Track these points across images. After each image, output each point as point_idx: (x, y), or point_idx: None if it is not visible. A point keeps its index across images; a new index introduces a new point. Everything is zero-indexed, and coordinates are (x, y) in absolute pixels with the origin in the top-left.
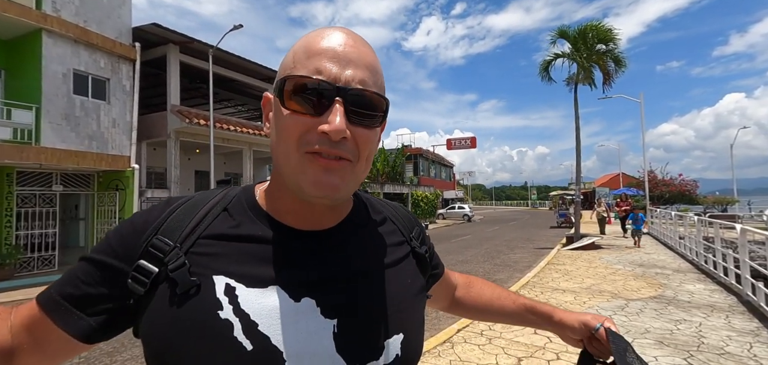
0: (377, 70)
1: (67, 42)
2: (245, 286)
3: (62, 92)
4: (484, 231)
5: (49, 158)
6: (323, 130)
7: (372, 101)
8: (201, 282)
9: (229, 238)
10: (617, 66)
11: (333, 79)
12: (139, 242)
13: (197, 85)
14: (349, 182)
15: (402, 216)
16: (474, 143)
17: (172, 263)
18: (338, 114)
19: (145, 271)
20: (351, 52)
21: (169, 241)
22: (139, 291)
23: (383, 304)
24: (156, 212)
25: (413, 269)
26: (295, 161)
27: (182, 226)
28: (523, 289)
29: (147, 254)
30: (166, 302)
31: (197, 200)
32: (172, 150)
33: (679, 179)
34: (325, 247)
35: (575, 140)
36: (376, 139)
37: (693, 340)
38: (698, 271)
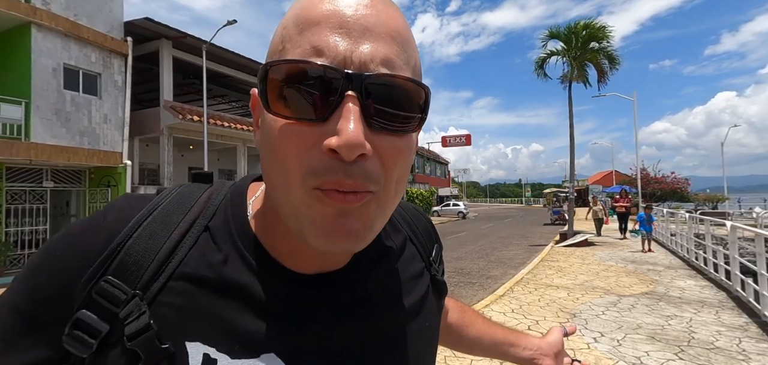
0: (410, 43)
1: (58, 36)
2: (229, 357)
3: (52, 87)
4: (479, 228)
5: (39, 154)
6: (331, 146)
7: (405, 91)
8: (174, 351)
9: (210, 283)
10: (611, 64)
11: (341, 61)
12: (78, 284)
13: (191, 80)
14: (375, 222)
15: (422, 232)
16: (469, 140)
17: (130, 323)
18: (352, 117)
19: (89, 328)
20: (368, 17)
21: (124, 285)
22: (80, 353)
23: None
24: (104, 230)
25: (433, 308)
26: (297, 199)
27: (147, 258)
28: (517, 286)
29: (91, 304)
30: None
31: (169, 210)
32: (165, 146)
33: (671, 177)
34: (334, 296)
35: (569, 138)
36: (411, 151)
37: (684, 335)
38: (689, 267)
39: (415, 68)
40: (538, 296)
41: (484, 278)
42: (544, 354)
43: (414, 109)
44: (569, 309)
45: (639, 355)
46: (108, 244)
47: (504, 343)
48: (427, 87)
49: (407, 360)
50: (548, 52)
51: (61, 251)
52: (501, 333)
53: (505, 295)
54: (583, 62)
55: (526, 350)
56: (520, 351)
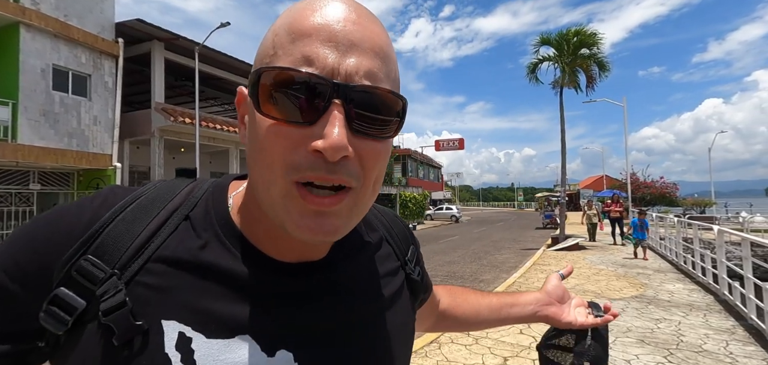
0: (390, 58)
1: (47, 36)
2: (205, 336)
3: (41, 88)
4: (472, 232)
5: (26, 156)
6: (316, 147)
7: (384, 101)
8: (148, 328)
9: (188, 266)
10: (601, 70)
11: (329, 71)
12: (59, 262)
13: (183, 82)
14: (352, 219)
15: (397, 234)
16: (462, 144)
17: (106, 300)
18: (337, 123)
19: (66, 305)
20: (354, 32)
21: (103, 265)
22: (56, 330)
23: (372, 356)
24: (88, 213)
25: (407, 305)
26: (278, 192)
27: (126, 241)
28: (509, 290)
29: (70, 281)
30: (95, 353)
31: (152, 199)
32: (156, 149)
33: (660, 182)
34: (312, 285)
35: (560, 143)
36: (387, 154)
37: (672, 338)
38: (678, 271)
39: (395, 81)
40: None
41: (476, 282)
42: (546, 303)
43: (392, 116)
44: None
45: (629, 359)
46: (90, 226)
47: (503, 306)
48: (404, 98)
49: (379, 350)
50: (540, 57)
51: (46, 227)
52: (496, 299)
53: None
54: (575, 68)
55: (527, 306)
56: (521, 309)
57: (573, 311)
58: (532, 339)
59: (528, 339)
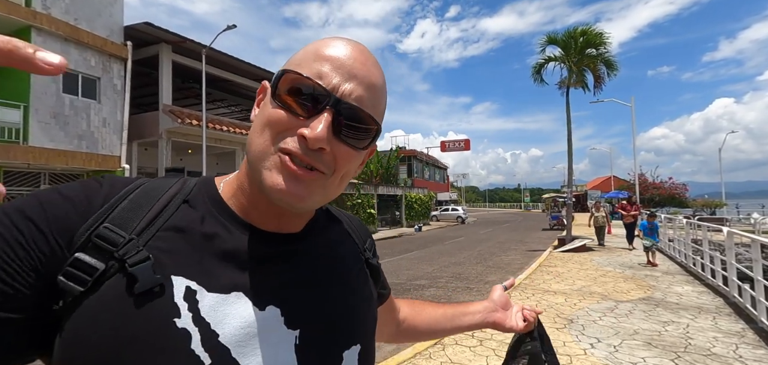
0: (380, 95)
1: (57, 40)
2: (206, 290)
3: (51, 91)
4: (478, 233)
5: (37, 158)
6: (302, 133)
7: (363, 120)
8: (163, 281)
9: (191, 233)
10: (609, 69)
11: (332, 87)
12: (80, 229)
13: (190, 84)
14: (317, 195)
15: (356, 226)
16: (468, 145)
17: (131, 256)
18: (323, 123)
19: (87, 267)
20: (358, 68)
21: (122, 231)
22: (75, 290)
23: (344, 314)
24: (101, 192)
25: (368, 282)
26: (266, 155)
27: (139, 215)
28: (515, 291)
29: (91, 247)
30: (111, 304)
31: (153, 187)
32: (163, 150)
33: (669, 183)
34: (292, 252)
35: (567, 143)
36: (357, 161)
37: (681, 341)
38: (687, 273)
39: (379, 112)
40: (535, 301)
41: (482, 283)
42: (492, 310)
43: (368, 134)
44: (566, 314)
45: (635, 361)
46: (108, 199)
47: (456, 315)
48: (380, 125)
49: (349, 306)
50: (546, 57)
51: (59, 199)
52: (451, 309)
53: None
54: (581, 68)
55: (476, 314)
56: (472, 316)
57: (515, 316)
58: None
59: None
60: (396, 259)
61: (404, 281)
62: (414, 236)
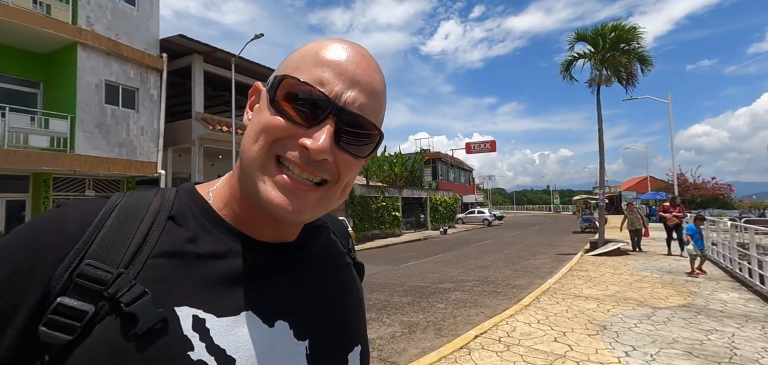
0: (381, 102)
1: (100, 54)
2: (216, 316)
3: (95, 102)
4: (505, 236)
5: (82, 165)
6: (304, 144)
7: (366, 128)
8: (166, 315)
9: (185, 256)
10: (643, 65)
11: (334, 95)
12: (57, 272)
13: (220, 92)
14: (317, 207)
15: (339, 227)
16: (494, 146)
17: (124, 294)
18: (325, 133)
19: (73, 311)
20: (361, 74)
21: (107, 267)
22: (61, 340)
23: (344, 318)
24: (76, 220)
25: (356, 280)
26: (261, 165)
27: (123, 243)
28: (544, 295)
29: (72, 288)
30: (108, 350)
31: (130, 205)
32: (196, 156)
33: (711, 183)
34: (290, 262)
35: (598, 143)
36: (358, 169)
37: (725, 351)
38: (732, 279)
39: (380, 119)
40: (565, 306)
41: (509, 287)
42: None
43: (369, 143)
44: (599, 320)
45: None
46: (83, 231)
47: None
48: (382, 132)
49: (347, 311)
50: (575, 55)
51: (23, 245)
52: None
53: (531, 305)
54: (614, 65)
55: None
56: None
57: None
58: (567, 347)
59: (563, 347)
60: (421, 262)
61: (429, 284)
62: (439, 239)
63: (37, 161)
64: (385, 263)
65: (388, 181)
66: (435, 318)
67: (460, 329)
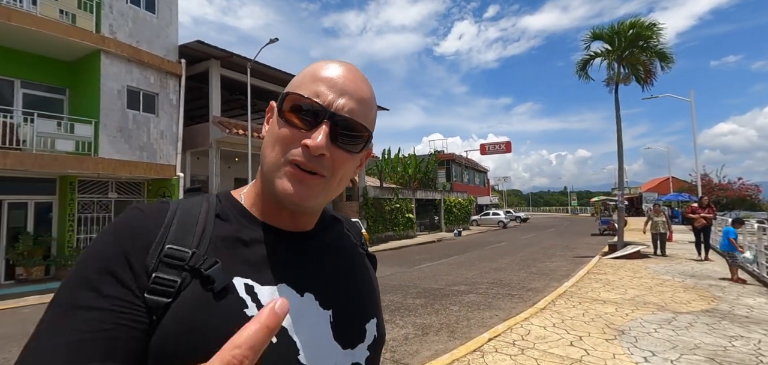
0: (370, 106)
1: (122, 61)
2: (260, 284)
3: (117, 107)
4: (520, 238)
5: (105, 168)
6: (305, 143)
7: (356, 128)
8: (229, 281)
9: (234, 241)
10: (664, 62)
11: (327, 104)
12: (148, 255)
13: (237, 96)
14: (319, 195)
15: (352, 226)
16: (509, 147)
17: (202, 263)
18: (321, 133)
19: (168, 282)
20: (348, 85)
21: (183, 249)
22: (161, 302)
23: (361, 294)
24: (151, 221)
25: (368, 264)
26: (276, 165)
27: (189, 232)
28: (560, 299)
29: (163, 265)
30: (193, 304)
31: (188, 207)
32: (213, 159)
33: (738, 183)
34: (312, 246)
35: (617, 143)
36: (353, 164)
37: (750, 358)
38: (759, 283)
39: (369, 121)
40: (582, 310)
41: (525, 290)
42: None
43: (360, 141)
44: (617, 325)
45: None
46: (159, 226)
47: None
48: (370, 131)
49: (363, 289)
50: (591, 53)
51: (130, 230)
52: None
53: (547, 308)
54: (632, 63)
55: None
56: None
57: None
58: (583, 351)
59: (579, 352)
60: (435, 264)
61: (443, 286)
62: (453, 241)
63: (64, 165)
64: (398, 265)
65: (401, 182)
66: (448, 320)
67: (473, 331)
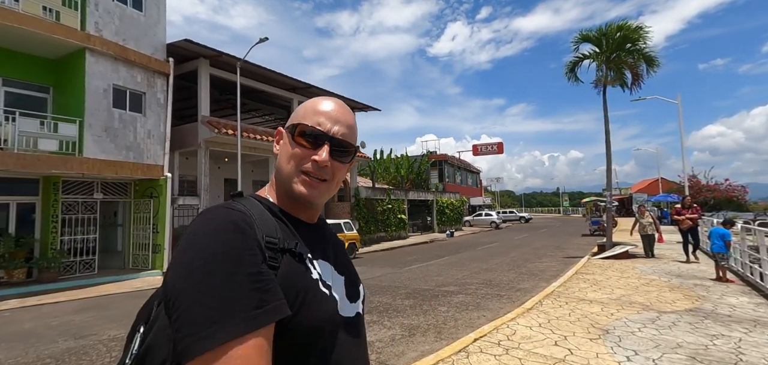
0: (354, 129)
1: (108, 59)
2: (312, 257)
3: (103, 106)
4: (512, 239)
5: (90, 168)
6: (315, 159)
7: (347, 146)
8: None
9: (287, 229)
10: (649, 65)
11: (326, 130)
12: (260, 244)
13: (227, 96)
14: (323, 194)
15: (333, 228)
16: (501, 148)
17: (290, 245)
18: (325, 151)
19: (273, 259)
20: (340, 116)
21: (274, 238)
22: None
23: (352, 266)
24: (247, 223)
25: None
26: (292, 175)
27: (270, 226)
28: (548, 299)
29: (268, 249)
30: (291, 271)
31: (252, 208)
32: (202, 159)
33: (725, 184)
34: (320, 233)
35: (605, 144)
36: (346, 170)
37: (730, 357)
38: (743, 283)
39: (354, 139)
40: (568, 310)
41: (513, 290)
42: None
43: (349, 154)
44: (602, 324)
45: None
46: (253, 227)
47: None
48: (357, 147)
49: (350, 261)
50: (580, 55)
51: (248, 237)
52: None
53: (534, 309)
54: (619, 65)
55: None
56: None
57: None
58: (567, 351)
59: (563, 351)
60: (425, 265)
61: (432, 287)
62: (445, 241)
63: (47, 165)
64: (389, 266)
65: (394, 183)
66: (436, 321)
67: (460, 332)
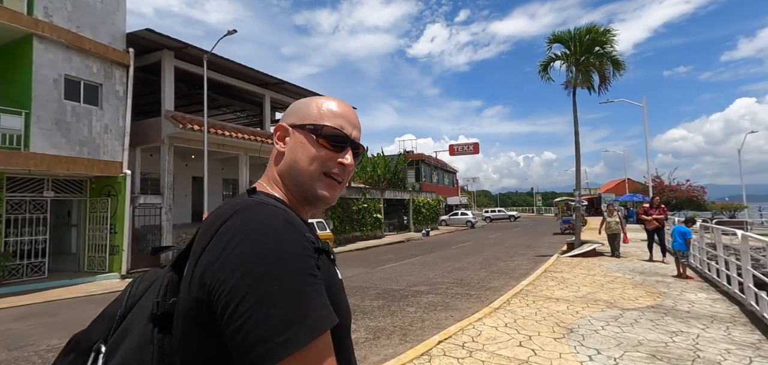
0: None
1: (59, 47)
2: (331, 256)
3: (53, 98)
4: (486, 238)
5: (38, 164)
6: (343, 162)
7: (360, 149)
8: None
9: (310, 229)
10: (616, 69)
11: (349, 133)
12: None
13: (196, 91)
14: (337, 196)
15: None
16: (477, 148)
17: (325, 246)
18: (350, 154)
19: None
20: (355, 120)
21: (312, 237)
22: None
23: None
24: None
25: None
26: (314, 176)
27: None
28: (516, 298)
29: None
30: (329, 270)
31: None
32: (165, 156)
33: (686, 185)
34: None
35: (575, 144)
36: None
37: (688, 353)
38: (702, 279)
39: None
40: (535, 309)
41: (483, 289)
42: None
43: (360, 157)
44: (567, 323)
45: None
46: (300, 229)
47: None
48: (364, 147)
49: None
50: (552, 56)
51: (304, 242)
52: None
53: (501, 308)
54: (588, 67)
55: None
56: None
57: None
58: (531, 351)
59: (527, 352)
60: (399, 264)
61: (403, 287)
62: (421, 241)
63: None
64: (362, 266)
65: (370, 182)
66: (402, 323)
67: (426, 334)
